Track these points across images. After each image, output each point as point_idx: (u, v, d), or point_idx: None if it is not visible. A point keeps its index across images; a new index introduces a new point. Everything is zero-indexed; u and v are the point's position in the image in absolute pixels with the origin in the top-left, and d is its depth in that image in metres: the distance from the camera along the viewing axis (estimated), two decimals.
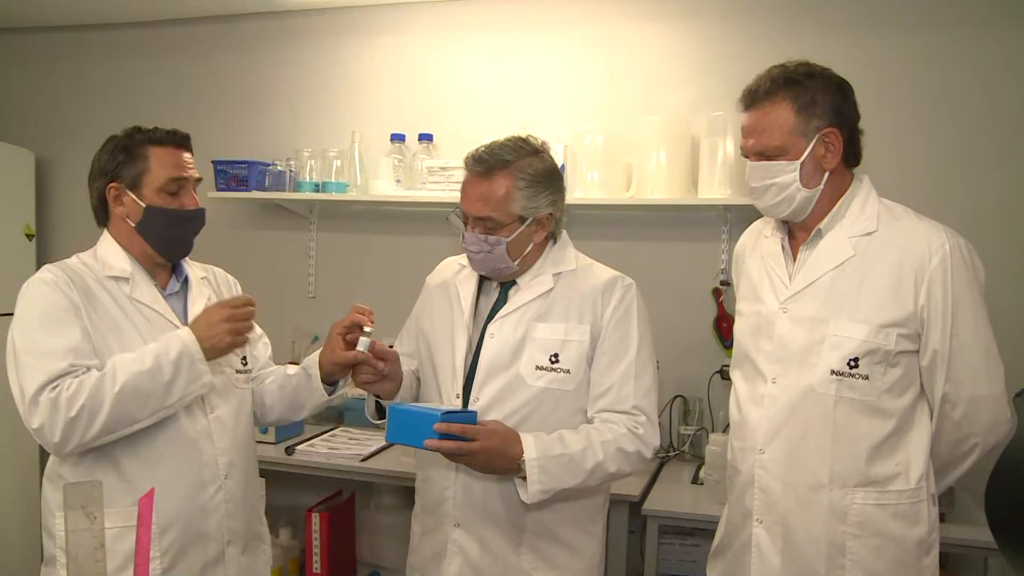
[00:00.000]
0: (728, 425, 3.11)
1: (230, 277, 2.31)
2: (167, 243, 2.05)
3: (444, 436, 1.84)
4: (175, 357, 1.88)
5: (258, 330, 2.29)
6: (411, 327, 2.30)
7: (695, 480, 3.00)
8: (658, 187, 3.18)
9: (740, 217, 3.22)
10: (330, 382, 2.16)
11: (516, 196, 1.99)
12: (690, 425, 3.27)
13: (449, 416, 1.87)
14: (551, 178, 2.06)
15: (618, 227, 3.42)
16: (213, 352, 1.94)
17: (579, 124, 3.30)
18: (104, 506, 1.71)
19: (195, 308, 2.09)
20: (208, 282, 2.20)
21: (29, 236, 4.01)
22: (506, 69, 3.57)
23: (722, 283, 3.29)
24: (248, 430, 2.17)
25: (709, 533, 2.30)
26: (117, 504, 1.86)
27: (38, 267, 3.76)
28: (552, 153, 2.12)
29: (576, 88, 3.49)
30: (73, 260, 2.05)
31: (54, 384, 1.83)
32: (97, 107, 4.12)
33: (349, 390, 2.26)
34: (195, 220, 2.07)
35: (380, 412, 2.19)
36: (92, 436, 1.84)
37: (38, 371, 1.84)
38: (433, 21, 3.65)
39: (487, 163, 2.00)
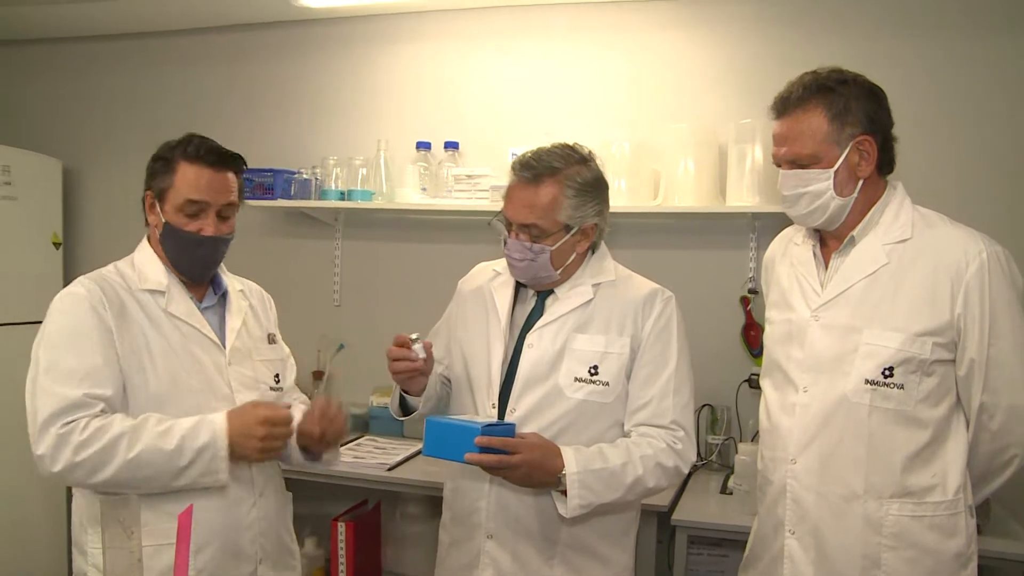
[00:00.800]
0: (756, 434, 3.11)
1: (265, 294, 2.28)
2: (181, 263, 2.02)
3: (484, 449, 1.83)
4: (200, 446, 1.83)
5: (285, 350, 2.28)
6: (441, 331, 2.29)
7: (724, 490, 2.98)
8: (685, 195, 3.16)
9: (768, 225, 3.20)
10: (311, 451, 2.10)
11: (563, 204, 1.97)
12: (718, 434, 3.25)
13: (489, 429, 1.85)
14: (598, 188, 2.05)
15: (645, 235, 3.41)
16: (235, 457, 1.88)
17: (606, 132, 3.28)
18: None
19: (233, 322, 2.08)
20: (245, 295, 2.18)
21: (56, 244, 4.05)
22: (532, 76, 3.56)
23: (750, 291, 3.28)
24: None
25: (738, 543, 2.28)
26: (151, 522, 1.81)
27: (66, 275, 3.95)
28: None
29: (602, 95, 3.48)
30: (110, 269, 2.02)
31: (68, 419, 1.80)
32: (124, 116, 4.16)
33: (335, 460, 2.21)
34: (206, 247, 1.99)
35: (403, 409, 2.18)
36: (91, 485, 1.83)
37: (52, 397, 1.81)
38: (458, 29, 3.65)
39: (535, 169, 1.98)
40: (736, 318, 3.31)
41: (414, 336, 1.99)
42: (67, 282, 1.97)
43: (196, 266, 2.03)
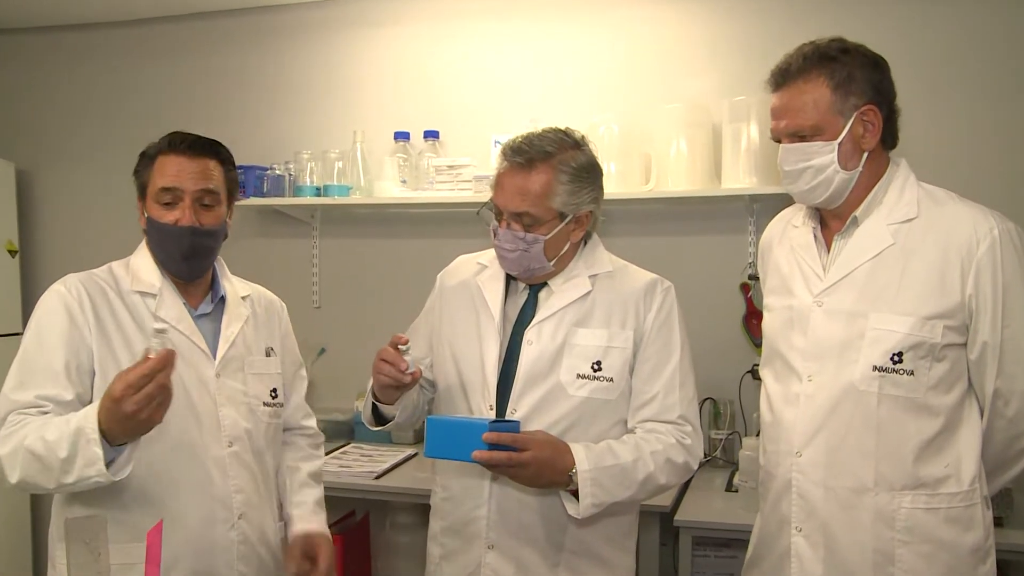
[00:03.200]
0: None
1: (277, 302, 2.27)
2: (165, 259, 2.01)
3: (492, 447, 1.81)
4: (72, 430, 1.69)
5: (295, 363, 2.27)
6: (421, 328, 2.25)
7: (729, 487, 2.98)
8: (679, 178, 3.16)
9: (767, 207, 3.20)
10: None
11: (557, 191, 1.95)
12: (721, 429, 3.25)
13: (495, 425, 1.83)
14: (593, 173, 2.03)
15: (637, 222, 3.41)
16: (124, 438, 1.68)
17: (593, 114, 3.27)
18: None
19: (229, 331, 2.06)
20: (250, 303, 2.16)
21: (12, 252, 4.00)
22: (514, 59, 3.56)
23: (750, 277, 3.27)
24: (273, 467, 2.14)
25: (746, 543, 2.27)
26: (120, 538, 1.80)
27: (23, 284, 3.93)
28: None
29: (589, 76, 3.48)
30: (103, 269, 2.03)
31: (16, 414, 1.82)
32: (81, 114, 4.13)
33: None
34: (182, 238, 1.96)
35: (376, 419, 2.15)
36: (13, 485, 1.79)
37: (5, 399, 1.85)
38: (435, 10, 3.64)
39: (527, 154, 1.95)
40: (736, 306, 3.31)
41: (406, 347, 1.94)
42: (25, 291, 1.99)
43: (178, 261, 1.99)
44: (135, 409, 1.60)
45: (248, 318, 2.12)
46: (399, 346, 1.94)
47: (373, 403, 2.12)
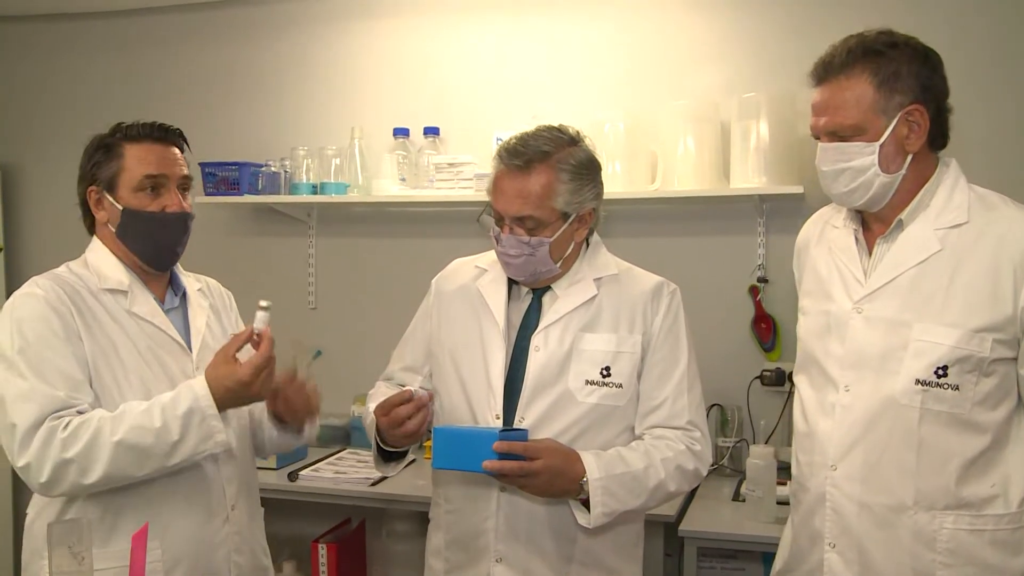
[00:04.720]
0: (771, 436, 3.11)
1: (224, 290, 2.28)
2: (148, 250, 2.00)
3: (502, 457, 1.81)
4: (183, 412, 1.81)
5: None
6: (417, 335, 2.24)
7: (736, 497, 2.96)
8: (686, 177, 3.15)
9: (777, 207, 3.20)
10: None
11: (559, 190, 1.94)
12: (729, 436, 3.23)
13: (504, 434, 1.84)
14: (593, 169, 2.02)
15: (643, 222, 3.39)
16: (232, 406, 1.89)
17: (597, 111, 3.26)
18: (102, 545, 1.78)
19: (196, 323, 2.07)
20: (204, 294, 2.17)
21: None
22: (517, 54, 3.55)
23: (759, 280, 3.27)
24: (250, 455, 2.16)
25: (753, 555, 2.28)
26: (115, 542, 1.83)
27: (8, 283, 3.89)
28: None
29: (593, 71, 3.46)
30: (63, 270, 2.00)
31: (53, 417, 1.78)
32: (68, 107, 4.10)
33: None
34: (176, 225, 2.00)
35: (381, 455, 2.14)
36: (86, 485, 1.80)
37: (31, 403, 1.79)
38: (436, 2, 3.63)
39: (524, 155, 1.94)
40: (745, 310, 3.29)
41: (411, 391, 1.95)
42: (10, 289, 1.96)
43: (165, 249, 2.01)
44: (260, 389, 1.88)
45: (209, 310, 2.15)
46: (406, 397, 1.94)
47: (383, 447, 2.09)
